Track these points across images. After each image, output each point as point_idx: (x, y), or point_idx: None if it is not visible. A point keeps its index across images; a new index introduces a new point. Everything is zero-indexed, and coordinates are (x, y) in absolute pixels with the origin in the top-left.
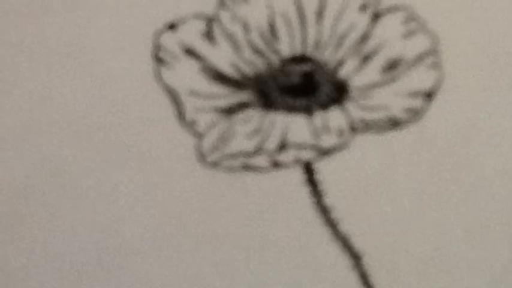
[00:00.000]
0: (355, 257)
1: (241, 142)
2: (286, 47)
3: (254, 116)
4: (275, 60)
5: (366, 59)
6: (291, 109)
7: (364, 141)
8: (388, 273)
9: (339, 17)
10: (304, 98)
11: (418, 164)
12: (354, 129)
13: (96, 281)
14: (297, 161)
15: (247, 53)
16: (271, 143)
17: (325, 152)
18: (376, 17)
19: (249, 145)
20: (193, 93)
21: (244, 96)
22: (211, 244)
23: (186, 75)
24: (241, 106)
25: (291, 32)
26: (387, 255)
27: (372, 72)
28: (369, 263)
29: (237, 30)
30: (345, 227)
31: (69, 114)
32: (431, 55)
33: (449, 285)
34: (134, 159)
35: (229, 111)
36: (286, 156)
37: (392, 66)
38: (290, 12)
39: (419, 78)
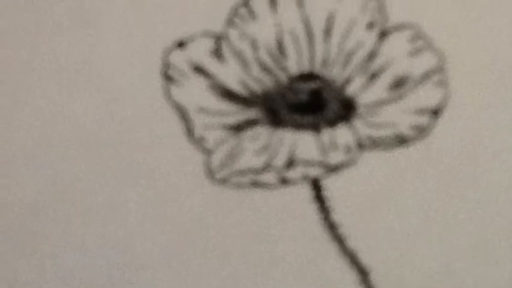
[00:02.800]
0: (363, 273)
1: (249, 159)
2: (294, 65)
3: (262, 133)
4: (283, 77)
5: (373, 76)
6: (299, 126)
7: (372, 158)
8: None
9: (347, 35)
10: (312, 115)
11: (425, 180)
12: (361, 146)
13: None
14: (305, 178)
15: (256, 71)
16: (279, 160)
17: (332, 169)
18: (383, 35)
19: (257, 162)
20: (202, 110)
21: (252, 113)
22: (220, 260)
23: (194, 93)
24: (250, 123)
25: (299, 49)
26: (394, 271)
27: (379, 89)
28: (376, 278)
29: (245, 47)
30: (352, 243)
31: (79, 131)
32: (437, 73)
33: None
34: (143, 176)
35: (238, 128)
36: (294, 173)
37: (399, 83)
38: (298, 30)
39: (426, 95)
